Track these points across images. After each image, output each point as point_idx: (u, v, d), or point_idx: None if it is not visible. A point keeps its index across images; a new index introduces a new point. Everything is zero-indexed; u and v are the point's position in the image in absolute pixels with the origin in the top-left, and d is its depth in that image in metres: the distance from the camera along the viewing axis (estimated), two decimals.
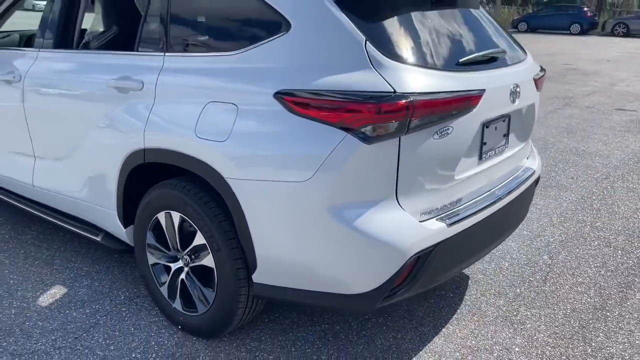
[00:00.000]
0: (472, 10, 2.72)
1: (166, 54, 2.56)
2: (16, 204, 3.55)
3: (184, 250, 2.59)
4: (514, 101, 2.53)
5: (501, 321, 2.91)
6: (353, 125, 2.00)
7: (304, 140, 2.07)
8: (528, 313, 2.99)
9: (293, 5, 2.21)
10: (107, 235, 3.04)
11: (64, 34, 3.15)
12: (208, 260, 2.46)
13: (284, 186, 2.13)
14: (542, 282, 3.32)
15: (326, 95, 2.03)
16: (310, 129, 2.06)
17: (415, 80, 2.06)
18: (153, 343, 2.64)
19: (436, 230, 2.20)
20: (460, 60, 2.30)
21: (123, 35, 3.12)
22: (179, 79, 2.46)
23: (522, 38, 20.02)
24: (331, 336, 2.73)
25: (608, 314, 3.01)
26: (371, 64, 2.04)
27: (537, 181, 3.07)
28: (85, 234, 3.12)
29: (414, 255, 2.12)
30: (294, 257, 2.22)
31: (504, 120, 2.60)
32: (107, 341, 2.63)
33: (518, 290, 3.22)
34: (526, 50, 2.97)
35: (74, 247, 3.58)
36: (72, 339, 2.65)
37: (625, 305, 3.10)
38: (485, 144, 2.47)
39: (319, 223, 2.11)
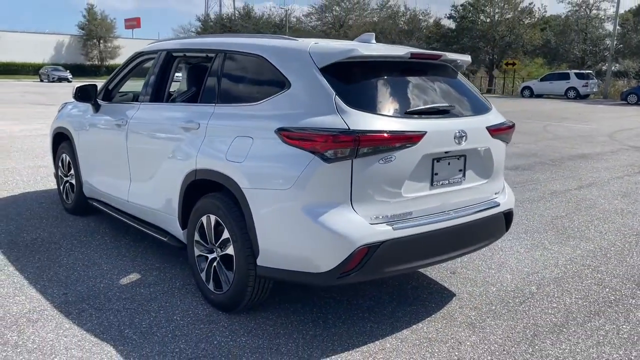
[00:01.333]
0: (442, 75, 3.61)
1: (216, 104, 3.68)
2: (112, 213, 4.80)
3: (216, 244, 3.58)
4: (459, 143, 3.31)
5: (466, 326, 3.53)
6: (318, 150, 2.93)
7: (289, 160, 3.04)
8: (492, 322, 3.58)
9: (294, 72, 3.25)
10: (172, 237, 4.12)
11: (157, 92, 4.41)
12: (230, 250, 3.42)
13: (276, 192, 3.08)
14: (518, 304, 3.88)
15: (305, 130, 2.99)
16: (294, 153, 3.03)
17: (366, 122, 2.99)
18: (190, 312, 3.60)
19: (383, 231, 3.04)
20: (407, 110, 3.21)
21: (195, 93, 4.31)
22: (221, 121, 3.56)
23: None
24: (322, 320, 3.53)
25: (564, 329, 3.52)
26: (337, 110, 3.00)
27: (507, 215, 3.78)
28: (158, 236, 4.22)
29: (362, 246, 2.96)
30: (282, 244, 3.13)
31: (458, 158, 3.40)
32: (160, 309, 3.64)
33: (493, 307, 3.81)
34: (489, 107, 3.77)
35: (152, 249, 4.71)
36: (136, 304, 3.69)
37: (585, 326, 3.57)
38: (436, 174, 3.29)
39: (296, 219, 3.02)
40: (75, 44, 65.53)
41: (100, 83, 5.42)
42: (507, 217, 3.82)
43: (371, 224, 3.04)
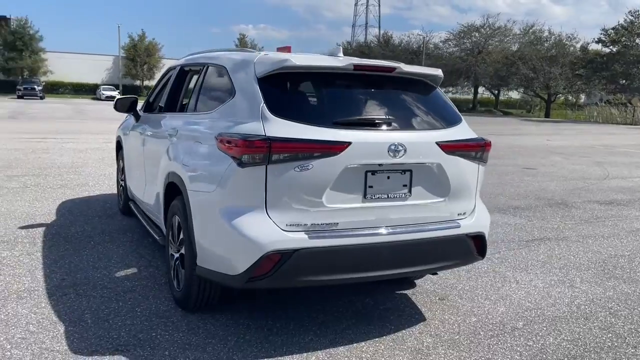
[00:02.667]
0: (405, 89, 3.52)
1: (192, 113, 3.94)
2: (137, 213, 5.27)
3: (177, 243, 3.78)
4: (395, 156, 3.18)
5: (410, 352, 3.31)
6: (236, 155, 3.02)
7: (216, 164, 3.17)
8: (442, 352, 3.31)
9: (240, 82, 3.40)
10: (164, 237, 4.41)
11: (171, 102, 4.78)
12: (184, 249, 3.60)
13: (205, 195, 3.23)
14: (488, 337, 3.54)
15: (231, 136, 3.09)
16: (220, 157, 3.15)
17: (284, 129, 3.02)
18: (153, 307, 3.82)
19: (297, 239, 3.01)
20: (335, 121, 3.16)
21: (187, 102, 4.62)
22: (188, 128, 3.81)
23: None
24: (267, 328, 3.54)
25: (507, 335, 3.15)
26: (260, 118, 3.09)
27: (476, 238, 3.51)
28: (155, 235, 4.54)
29: (271, 252, 2.96)
30: (209, 245, 3.24)
31: (402, 173, 3.26)
32: (130, 300, 3.91)
33: (457, 337, 3.52)
34: (454, 123, 3.56)
35: (153, 248, 5.05)
36: (114, 294, 4.00)
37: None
38: (371, 187, 3.18)
39: (217, 221, 3.12)
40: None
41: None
42: (476, 241, 3.53)
43: (286, 230, 3.02)
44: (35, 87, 47.11)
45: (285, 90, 3.29)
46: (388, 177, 3.24)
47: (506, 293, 4.34)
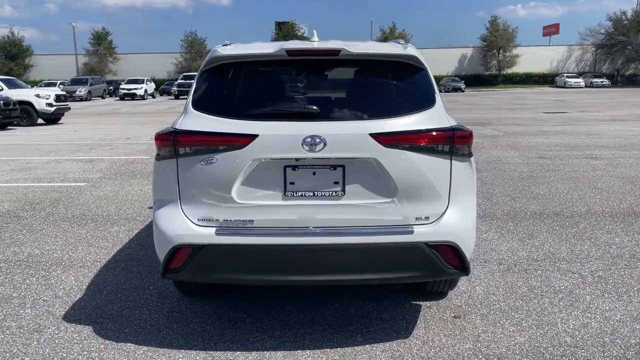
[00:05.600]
0: (362, 74, 3.16)
1: None
2: None
3: None
4: (311, 150, 2.76)
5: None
6: (156, 149, 3.00)
7: None
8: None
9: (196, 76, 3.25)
10: None
11: None
12: None
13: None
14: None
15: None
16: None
17: (193, 123, 2.90)
18: (152, 288, 3.86)
19: (205, 234, 2.84)
20: (247, 112, 2.91)
21: None
22: None
23: None
24: (233, 322, 3.32)
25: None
26: (184, 111, 3.05)
27: (441, 248, 2.84)
28: None
29: (179, 245, 2.84)
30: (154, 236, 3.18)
31: (332, 169, 2.83)
32: (110, 285, 4.02)
33: None
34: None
35: None
36: (124, 273, 4.16)
37: None
38: (292, 183, 2.84)
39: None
40: (477, 56, 67.08)
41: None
42: (445, 251, 2.85)
43: (197, 225, 2.90)
44: None
45: (215, 82, 3.14)
46: (314, 173, 2.86)
47: (552, 320, 3.43)
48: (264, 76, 3.23)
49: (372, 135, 2.81)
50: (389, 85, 3.08)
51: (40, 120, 18.53)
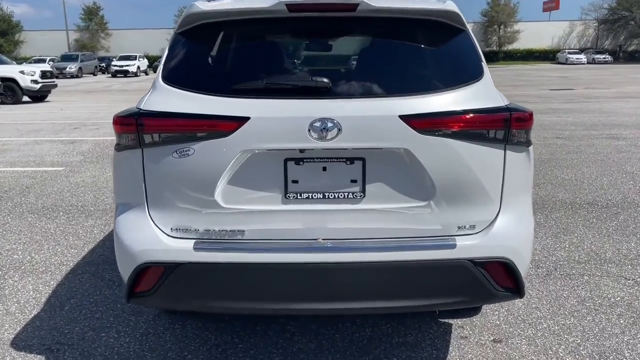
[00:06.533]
0: (383, 36, 2.38)
1: None
2: None
3: None
4: (321, 138, 2.05)
5: None
6: (116, 135, 2.27)
7: None
8: None
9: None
10: None
11: None
12: None
13: None
14: None
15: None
16: None
17: (163, 101, 2.17)
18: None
19: (179, 249, 2.15)
20: (236, 87, 2.16)
21: None
22: None
23: None
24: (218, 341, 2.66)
25: None
26: (152, 88, 2.31)
27: (493, 265, 2.15)
28: None
29: (147, 263, 2.14)
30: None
31: (349, 162, 2.13)
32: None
33: None
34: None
35: None
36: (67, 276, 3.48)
37: None
38: (295, 182, 2.14)
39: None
40: (477, 31, 62.38)
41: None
42: (495, 270, 2.17)
43: (171, 236, 2.19)
44: None
45: (193, 48, 2.37)
46: (324, 169, 2.16)
47: (615, 345, 2.77)
48: (257, 39, 2.47)
49: (403, 117, 2.09)
50: (424, 51, 2.34)
51: (26, 98, 17.63)
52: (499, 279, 2.17)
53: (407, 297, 2.18)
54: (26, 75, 17.41)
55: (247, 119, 2.07)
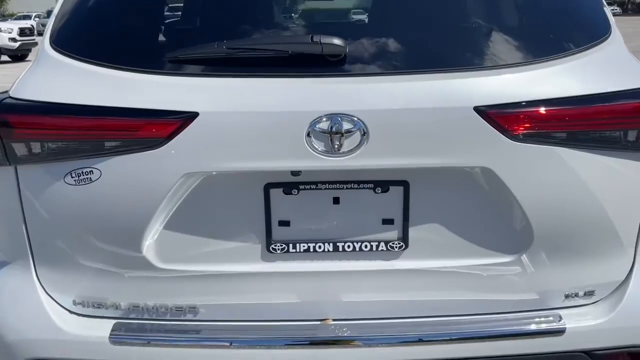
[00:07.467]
0: None
1: None
2: None
3: None
4: (330, 149, 1.23)
5: None
6: None
7: None
8: None
9: None
10: None
11: None
12: None
13: None
14: None
15: None
16: None
17: (45, 82, 1.33)
18: None
19: (87, 342, 1.34)
20: (178, 56, 1.31)
21: None
22: None
23: None
24: None
25: None
26: (36, 59, 1.45)
27: (618, 358, 1.39)
28: None
29: None
30: None
31: (380, 190, 1.32)
32: None
33: None
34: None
35: None
36: None
37: None
38: (285, 223, 1.34)
39: None
40: None
41: None
42: None
43: (76, 314, 1.38)
44: None
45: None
46: (336, 201, 1.33)
47: None
48: None
49: (482, 110, 1.21)
50: None
51: (5, 58, 16.75)
52: None
53: None
54: (3, 32, 16.52)
55: (194, 115, 1.20)
